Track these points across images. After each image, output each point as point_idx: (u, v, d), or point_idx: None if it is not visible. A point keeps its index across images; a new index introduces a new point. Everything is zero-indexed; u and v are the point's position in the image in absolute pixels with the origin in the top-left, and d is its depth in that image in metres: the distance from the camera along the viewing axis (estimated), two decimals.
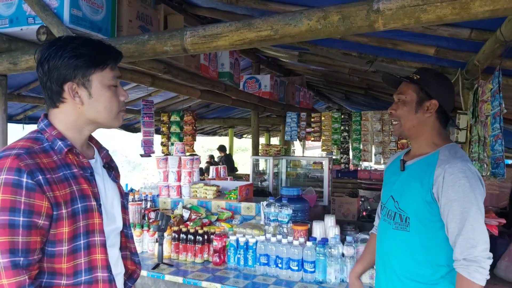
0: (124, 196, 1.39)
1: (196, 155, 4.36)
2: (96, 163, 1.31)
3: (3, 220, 1.03)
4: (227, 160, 10.28)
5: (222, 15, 3.64)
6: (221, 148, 10.76)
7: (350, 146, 5.98)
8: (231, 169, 10.08)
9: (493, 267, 4.41)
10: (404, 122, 1.64)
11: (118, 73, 1.28)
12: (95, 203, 1.20)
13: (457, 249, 1.44)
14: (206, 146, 22.84)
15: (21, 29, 2.22)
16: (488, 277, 1.42)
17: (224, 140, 12.44)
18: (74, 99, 1.20)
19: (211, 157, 11.25)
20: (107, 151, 1.40)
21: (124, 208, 1.37)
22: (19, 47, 2.33)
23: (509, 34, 1.87)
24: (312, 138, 6.27)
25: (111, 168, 1.37)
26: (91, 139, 1.36)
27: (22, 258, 1.05)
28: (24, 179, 1.05)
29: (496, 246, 4.48)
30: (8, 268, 1.03)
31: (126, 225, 1.39)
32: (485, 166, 2.24)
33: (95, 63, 1.20)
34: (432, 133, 1.62)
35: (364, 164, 7.77)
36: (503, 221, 4.08)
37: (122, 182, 1.54)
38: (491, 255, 1.41)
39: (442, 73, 1.68)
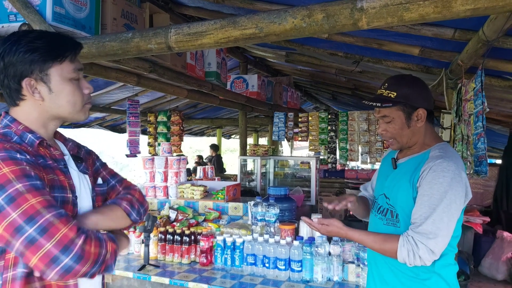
0: (93, 189, 1.32)
1: (183, 155, 4.34)
2: (67, 157, 1.27)
3: (26, 186, 1.02)
4: (218, 160, 10.25)
5: (209, 14, 3.63)
6: (214, 148, 10.70)
7: (337, 146, 6.01)
8: (221, 169, 10.06)
9: (477, 264, 4.48)
10: (400, 139, 1.64)
11: (80, 65, 1.23)
12: (71, 195, 1.18)
13: (413, 227, 1.49)
14: (195, 146, 22.74)
15: (2, 27, 2.17)
16: (411, 265, 1.47)
17: (212, 141, 12.40)
18: (34, 96, 1.16)
19: (200, 157, 11.21)
20: (73, 142, 1.35)
21: (94, 203, 1.31)
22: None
23: (491, 34, 1.89)
24: (300, 138, 6.29)
25: (79, 159, 1.32)
26: (54, 133, 1.31)
27: (62, 210, 1.06)
28: (18, 155, 1.05)
29: (481, 244, 4.56)
30: (58, 217, 1.03)
31: None
32: (469, 164, 2.26)
33: (52, 56, 1.15)
34: (425, 136, 1.65)
35: (351, 163, 7.83)
36: (487, 219, 4.14)
37: None
38: (435, 257, 1.45)
39: (410, 75, 1.67)
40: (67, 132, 1.34)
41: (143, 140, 5.94)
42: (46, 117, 1.20)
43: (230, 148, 23.03)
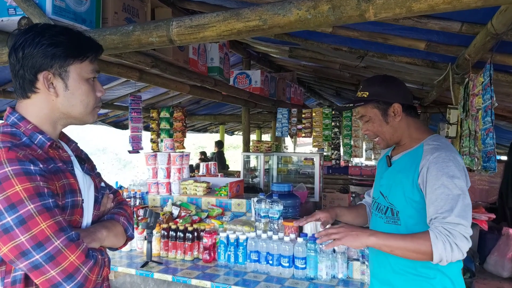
0: (99, 190, 1.32)
1: (185, 151, 4.31)
2: (72, 158, 1.25)
3: (39, 206, 1.00)
4: (220, 156, 10.23)
5: (212, 9, 3.58)
6: (218, 144, 10.68)
7: (341, 142, 5.97)
8: (223, 166, 10.04)
9: (482, 262, 4.44)
10: (383, 135, 1.70)
11: (97, 68, 1.24)
12: (81, 198, 1.17)
13: (438, 220, 1.42)
14: (198, 143, 22.76)
15: (1, 20, 2.13)
16: (445, 263, 1.40)
17: (215, 137, 12.39)
18: (49, 90, 1.14)
19: (203, 153, 11.19)
20: (76, 143, 1.34)
21: (97, 204, 1.30)
22: (0, 39, 2.25)
23: (500, 27, 1.84)
24: (303, 134, 6.25)
25: (82, 161, 1.31)
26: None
27: (73, 232, 1.05)
28: (32, 167, 1.02)
29: (486, 241, 4.52)
30: (68, 244, 1.02)
31: (94, 222, 1.31)
32: (476, 160, 2.22)
33: (75, 53, 1.15)
34: (410, 130, 1.67)
35: (355, 160, 7.78)
36: (493, 216, 4.09)
37: (112, 179, 1.46)
38: (469, 244, 1.39)
39: (384, 75, 1.74)
40: (72, 128, 1.31)
41: (146, 136, 5.91)
42: (57, 115, 1.18)
43: (233, 145, 23.00)
